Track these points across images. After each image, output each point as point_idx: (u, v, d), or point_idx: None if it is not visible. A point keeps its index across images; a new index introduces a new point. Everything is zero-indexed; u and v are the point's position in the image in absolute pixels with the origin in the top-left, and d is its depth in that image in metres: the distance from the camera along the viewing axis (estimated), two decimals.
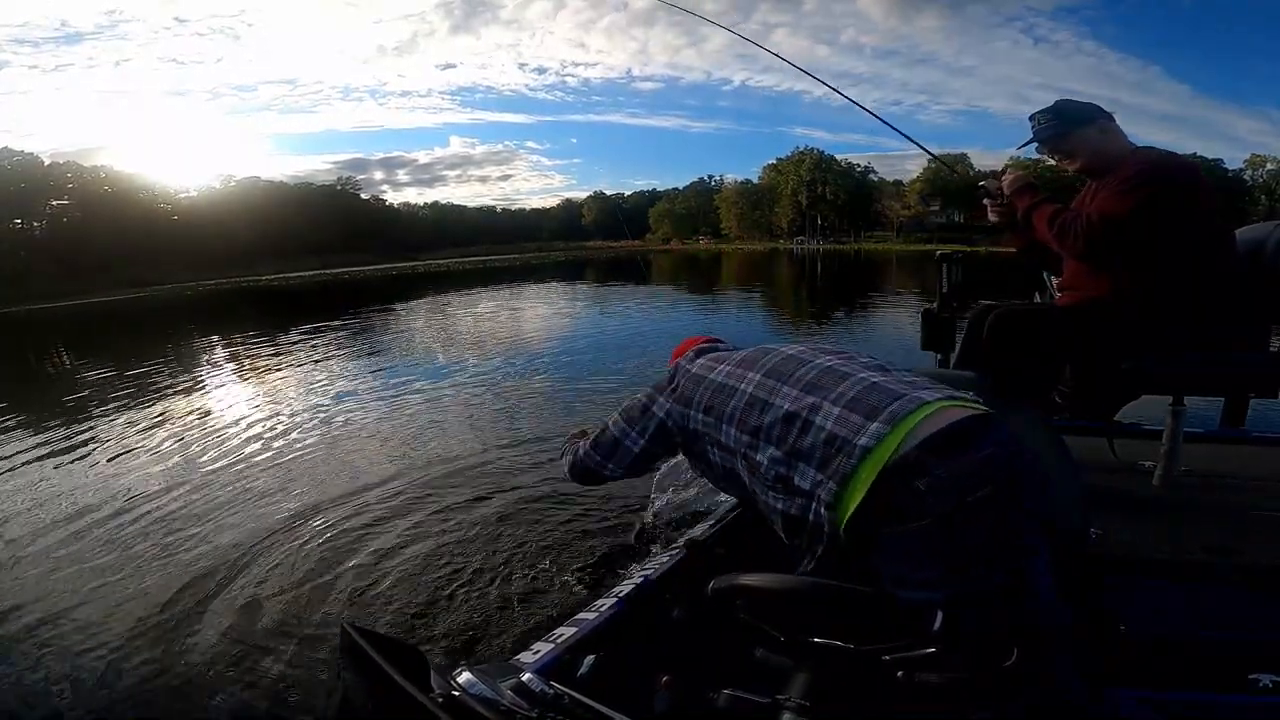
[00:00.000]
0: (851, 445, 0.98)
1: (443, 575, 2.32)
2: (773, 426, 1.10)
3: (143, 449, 4.33)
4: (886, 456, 0.95)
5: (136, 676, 1.87)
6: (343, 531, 2.76)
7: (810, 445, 1.03)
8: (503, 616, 2.05)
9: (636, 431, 1.38)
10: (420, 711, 0.88)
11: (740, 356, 1.29)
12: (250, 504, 3.16)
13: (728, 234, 76.01)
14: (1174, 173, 1.63)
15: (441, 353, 8.17)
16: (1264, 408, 1.88)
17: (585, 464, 1.47)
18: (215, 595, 2.30)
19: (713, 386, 1.25)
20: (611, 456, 1.42)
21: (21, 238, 53.62)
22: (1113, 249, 1.65)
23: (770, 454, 1.09)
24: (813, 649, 0.95)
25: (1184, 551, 1.40)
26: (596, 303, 15.07)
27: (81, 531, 2.93)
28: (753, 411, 1.15)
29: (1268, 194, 51.52)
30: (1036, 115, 1.81)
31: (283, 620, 2.11)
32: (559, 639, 1.22)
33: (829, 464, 1.00)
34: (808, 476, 1.02)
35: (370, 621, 2.06)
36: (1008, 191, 1.92)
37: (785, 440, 1.07)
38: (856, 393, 1.06)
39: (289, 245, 59.48)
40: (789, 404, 1.10)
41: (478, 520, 2.79)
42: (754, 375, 1.20)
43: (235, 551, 2.63)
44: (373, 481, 3.36)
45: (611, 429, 1.42)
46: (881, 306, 12.73)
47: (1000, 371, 1.73)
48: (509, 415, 4.67)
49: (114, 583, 2.43)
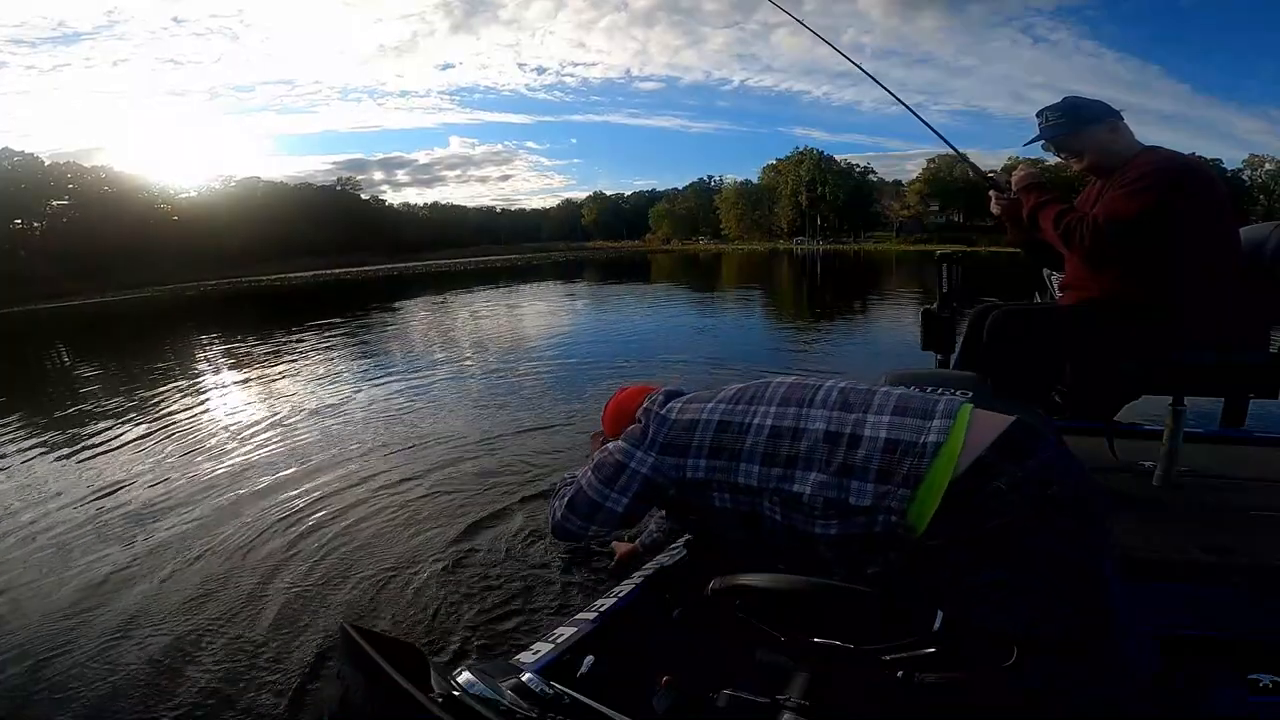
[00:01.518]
0: (919, 445, 0.96)
1: (443, 574, 2.32)
2: (812, 451, 1.04)
3: (139, 448, 4.33)
4: (958, 450, 0.94)
5: (129, 676, 1.86)
6: (342, 530, 2.75)
7: (864, 458, 0.99)
8: (503, 616, 2.05)
9: (616, 491, 1.26)
10: (420, 711, 0.88)
11: (729, 394, 1.23)
12: (249, 503, 3.16)
13: (727, 234, 76.02)
14: (1182, 175, 1.61)
15: (442, 350, 8.16)
16: (1264, 408, 1.88)
17: (565, 527, 1.36)
18: (214, 595, 2.30)
19: (713, 428, 1.16)
20: (593, 519, 1.30)
21: (21, 238, 53.68)
22: (1119, 251, 1.64)
23: (815, 480, 1.03)
24: (813, 649, 0.95)
25: (1184, 551, 1.39)
26: (596, 301, 15.07)
27: (73, 528, 2.93)
28: (782, 442, 1.08)
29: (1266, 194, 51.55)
30: (1045, 112, 1.80)
31: (282, 620, 2.10)
32: (559, 639, 1.22)
33: (892, 472, 0.96)
34: (865, 492, 0.98)
35: (370, 621, 2.05)
36: (1016, 187, 1.91)
37: (831, 461, 1.02)
38: (897, 402, 1.04)
39: (289, 246, 59.57)
40: (825, 424, 1.05)
41: (478, 519, 2.78)
42: (765, 408, 1.14)
43: (234, 550, 2.63)
44: (372, 480, 3.35)
45: (586, 490, 1.30)
46: (882, 306, 12.72)
47: (1000, 371, 1.73)
48: (509, 413, 4.66)
49: (107, 580, 2.43)
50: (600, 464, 1.30)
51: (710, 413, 1.19)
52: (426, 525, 2.77)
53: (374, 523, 2.83)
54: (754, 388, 1.21)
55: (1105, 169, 1.77)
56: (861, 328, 9.73)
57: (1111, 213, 1.62)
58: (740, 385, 1.24)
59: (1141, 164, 1.65)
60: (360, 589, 2.28)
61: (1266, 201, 49.90)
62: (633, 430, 1.29)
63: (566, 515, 1.34)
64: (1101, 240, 1.63)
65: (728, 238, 75.02)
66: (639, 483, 1.24)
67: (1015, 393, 1.65)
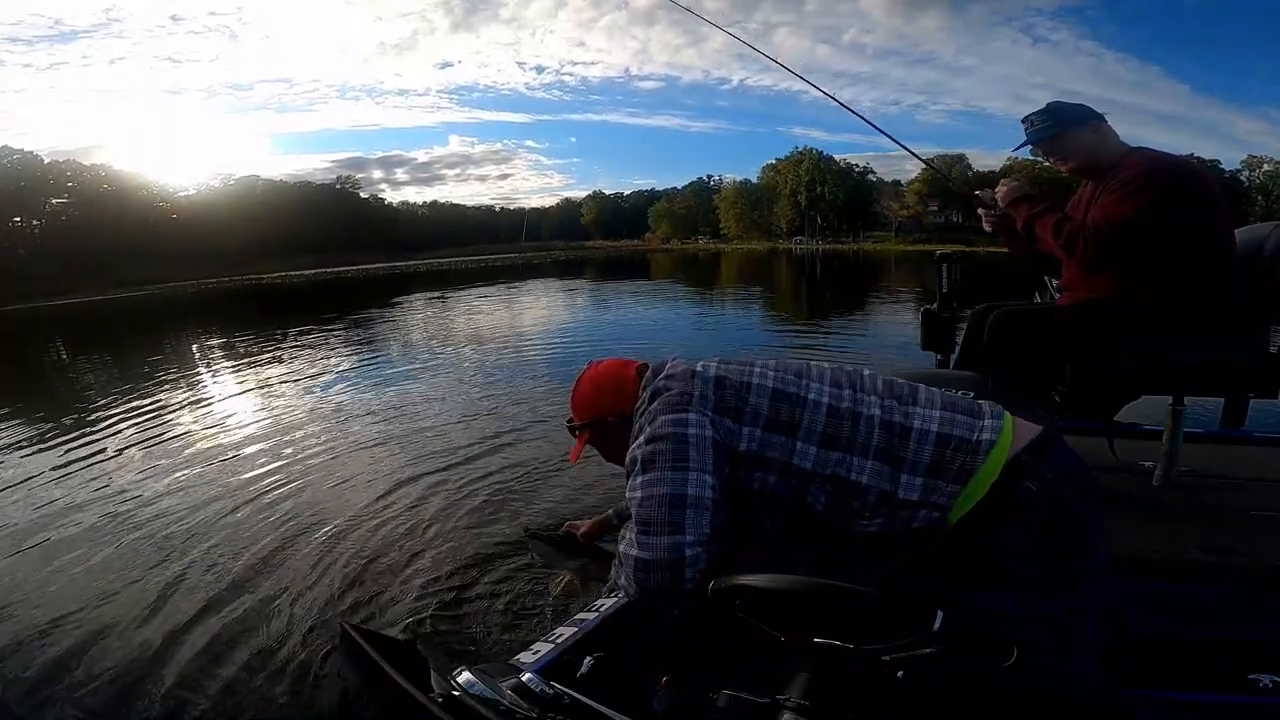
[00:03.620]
0: (972, 442, 0.96)
1: (443, 575, 2.32)
2: (869, 437, 0.97)
3: (138, 449, 4.33)
4: (1007, 450, 0.95)
5: (127, 676, 1.86)
6: (342, 530, 2.75)
7: (915, 451, 0.96)
8: (503, 616, 2.05)
9: (695, 470, 0.98)
10: (420, 711, 0.88)
11: (767, 363, 1.09)
12: (248, 502, 3.15)
13: (727, 234, 76.01)
14: (1172, 174, 1.63)
15: (442, 348, 8.16)
16: (1264, 408, 1.88)
17: (649, 563, 0.98)
18: (214, 594, 2.29)
19: (768, 395, 1.01)
20: (682, 525, 0.97)
21: (21, 236, 53.65)
22: (1122, 252, 1.65)
23: (871, 468, 0.96)
24: (813, 649, 0.95)
25: (1184, 551, 1.39)
26: (597, 300, 15.07)
27: (74, 528, 2.93)
28: (841, 424, 0.99)
29: (1265, 195, 51.58)
30: (1029, 117, 1.82)
31: (282, 620, 2.10)
32: (559, 639, 1.22)
33: (943, 467, 0.95)
34: (914, 486, 0.96)
35: (370, 621, 2.05)
36: (1002, 203, 1.91)
37: (886, 450, 0.97)
38: (943, 398, 1.03)
39: (289, 244, 59.53)
40: (880, 411, 0.99)
41: (479, 519, 2.78)
42: (818, 384, 1.03)
43: (233, 550, 2.63)
44: (371, 479, 3.35)
45: (655, 495, 0.98)
46: (882, 306, 12.72)
47: (1000, 371, 1.73)
48: (509, 413, 4.65)
49: (107, 581, 2.42)
50: (649, 457, 1.00)
51: (761, 377, 1.03)
52: (427, 525, 2.77)
53: (374, 522, 2.83)
54: (796, 364, 1.09)
55: (1093, 170, 1.79)
56: (861, 327, 9.74)
57: (1110, 217, 1.63)
58: (770, 359, 1.11)
59: (1132, 165, 1.66)
60: (360, 589, 2.28)
61: (1265, 202, 49.93)
62: (668, 393, 1.04)
63: (642, 540, 0.99)
64: (1104, 245, 1.63)
65: (727, 237, 74.98)
66: (713, 451, 0.99)
67: (1015, 393, 1.65)
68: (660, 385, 1.08)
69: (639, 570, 0.99)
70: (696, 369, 1.07)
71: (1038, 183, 1.95)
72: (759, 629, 1.00)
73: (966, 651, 0.87)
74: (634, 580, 1.00)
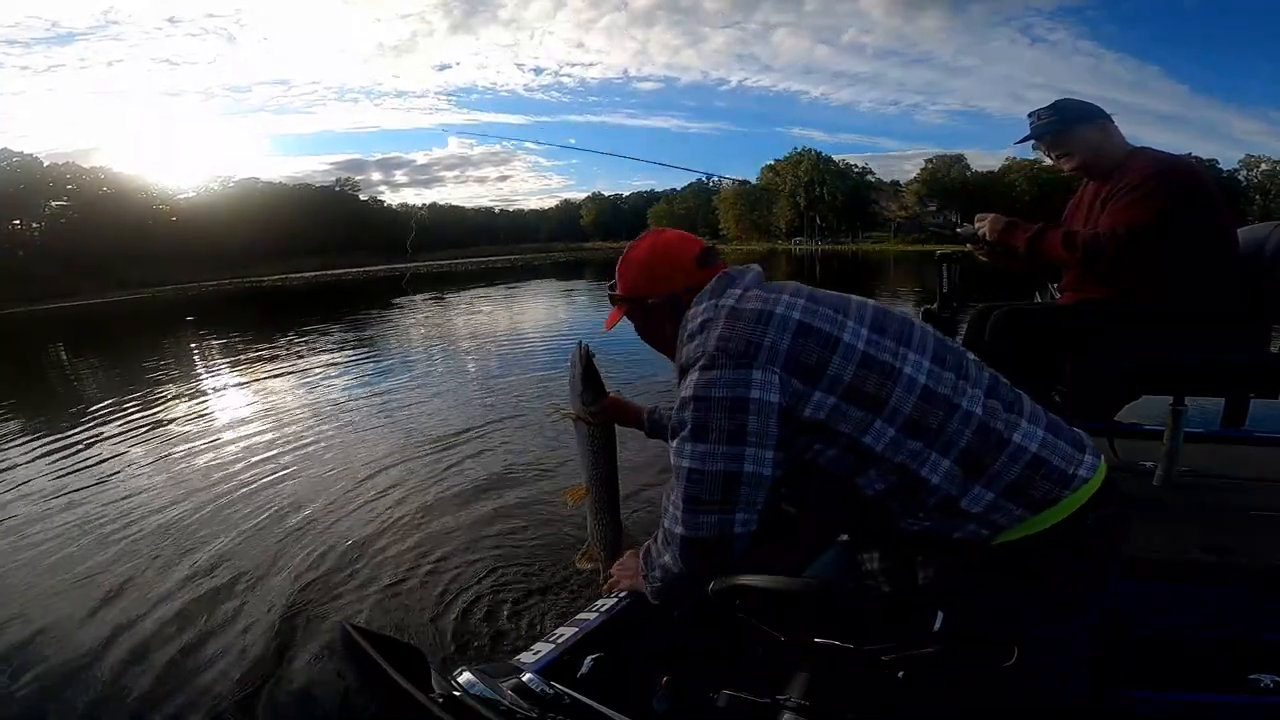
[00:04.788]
0: (1067, 475, 0.89)
1: (444, 575, 2.32)
2: (959, 436, 0.86)
3: (137, 449, 4.33)
4: (1094, 490, 0.90)
5: (125, 677, 1.86)
6: (342, 530, 2.75)
7: (1004, 466, 0.87)
8: (503, 616, 2.05)
9: (753, 446, 0.86)
10: (420, 711, 0.88)
11: (867, 305, 0.94)
12: (247, 502, 3.15)
13: (726, 234, 76.03)
14: (1179, 175, 1.63)
15: (442, 348, 8.16)
16: (1265, 408, 1.88)
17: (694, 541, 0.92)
18: (214, 594, 2.29)
19: (856, 358, 0.86)
20: (735, 502, 0.88)
21: (21, 238, 53.68)
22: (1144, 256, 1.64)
23: (948, 470, 0.86)
24: (813, 649, 0.95)
25: (1184, 551, 1.39)
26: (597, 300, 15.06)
27: (75, 531, 2.93)
28: (934, 411, 0.86)
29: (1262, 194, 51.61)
30: (1036, 111, 1.81)
31: (282, 620, 2.10)
32: (559, 639, 1.21)
33: (1025, 490, 0.87)
34: (981, 499, 0.87)
35: (370, 621, 2.05)
36: (992, 238, 1.90)
37: (973, 455, 0.86)
38: (1048, 418, 0.96)
39: (289, 246, 59.58)
40: (981, 410, 0.88)
41: (480, 519, 2.78)
42: (917, 356, 0.88)
43: (232, 550, 2.63)
44: (372, 480, 3.35)
45: (702, 466, 0.88)
46: None
47: (1000, 371, 1.72)
48: (510, 411, 4.65)
49: (107, 583, 2.43)
50: (702, 423, 0.87)
51: (854, 335, 0.87)
52: (427, 524, 2.77)
53: (374, 522, 2.83)
54: (896, 318, 0.94)
55: (1095, 169, 1.78)
56: None
57: (1130, 221, 1.62)
58: (868, 300, 0.96)
59: (1139, 168, 1.66)
60: (360, 589, 2.27)
61: (1262, 201, 49.95)
62: (731, 343, 0.87)
63: (690, 519, 0.91)
64: (1124, 250, 1.63)
65: (726, 238, 74.97)
66: (777, 419, 0.86)
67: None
68: (728, 308, 0.93)
69: (684, 549, 0.94)
70: (776, 310, 0.89)
71: (1036, 183, 1.95)
72: (759, 629, 1.00)
73: (966, 651, 0.87)
74: (680, 559, 0.96)
